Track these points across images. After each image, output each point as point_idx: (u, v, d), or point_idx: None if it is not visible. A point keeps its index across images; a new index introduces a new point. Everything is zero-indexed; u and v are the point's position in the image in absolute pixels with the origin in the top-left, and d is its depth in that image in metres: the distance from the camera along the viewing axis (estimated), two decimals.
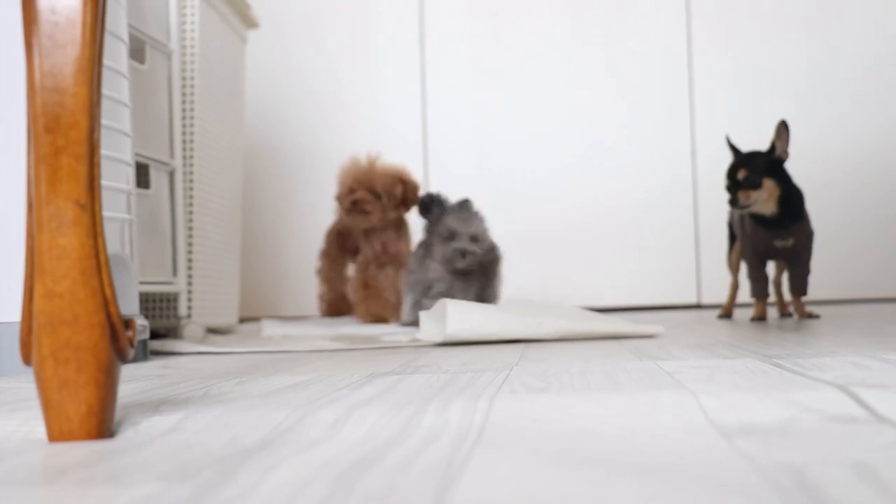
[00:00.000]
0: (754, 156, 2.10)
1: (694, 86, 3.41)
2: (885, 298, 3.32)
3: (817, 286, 2.37)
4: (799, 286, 2.17)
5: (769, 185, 2.06)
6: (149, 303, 2.05)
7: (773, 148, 2.08)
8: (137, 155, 1.79)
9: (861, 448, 0.55)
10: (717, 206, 3.04)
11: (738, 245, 2.33)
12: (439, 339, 1.61)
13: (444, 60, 3.48)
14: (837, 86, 3.37)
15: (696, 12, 3.42)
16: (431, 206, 2.17)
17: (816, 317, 2.14)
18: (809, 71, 3.38)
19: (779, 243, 2.11)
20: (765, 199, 2.06)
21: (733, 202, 2.06)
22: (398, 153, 3.40)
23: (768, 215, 2.08)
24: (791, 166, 2.11)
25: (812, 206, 2.17)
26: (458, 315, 1.63)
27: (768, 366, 1.02)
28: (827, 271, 3.16)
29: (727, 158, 2.15)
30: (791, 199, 2.08)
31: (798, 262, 2.16)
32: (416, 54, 3.48)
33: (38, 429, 0.71)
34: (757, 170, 2.06)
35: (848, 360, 1.03)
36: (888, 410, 0.67)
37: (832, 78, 3.37)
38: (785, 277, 2.30)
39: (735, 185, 2.07)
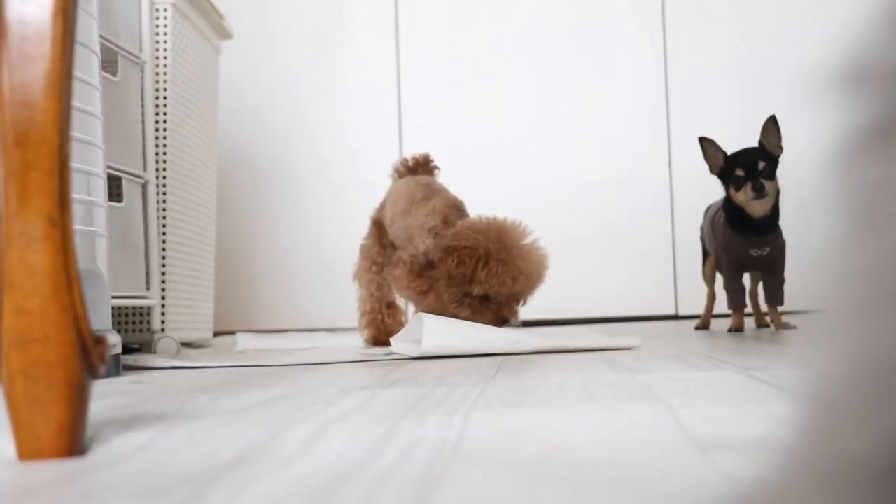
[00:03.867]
0: (764, 150, 2.09)
1: (670, 100, 3.43)
2: None
3: (794, 296, 2.37)
4: (775, 296, 2.17)
5: (776, 181, 2.07)
6: (122, 317, 2.03)
7: (762, 146, 2.08)
8: (109, 167, 1.77)
9: None
10: (693, 218, 3.05)
11: (711, 257, 2.33)
12: (414, 353, 1.61)
13: (419, 73, 3.48)
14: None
15: (671, 25, 3.43)
16: None
17: (793, 327, 2.15)
18: (779, 76, 3.40)
19: (755, 252, 2.11)
20: (771, 194, 2.06)
21: (760, 189, 2.03)
22: (374, 166, 3.39)
23: (759, 216, 2.07)
24: None
25: (786, 213, 2.17)
26: (434, 331, 1.62)
27: (745, 378, 1.02)
28: (804, 281, 3.17)
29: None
30: (778, 203, 2.09)
31: (773, 272, 2.16)
32: (392, 68, 3.48)
33: (8, 447, 0.69)
34: (773, 162, 2.06)
35: None
36: None
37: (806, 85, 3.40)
38: (761, 288, 2.31)
39: (756, 174, 2.04)
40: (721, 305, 2.33)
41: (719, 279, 2.28)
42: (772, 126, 2.06)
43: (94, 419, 0.84)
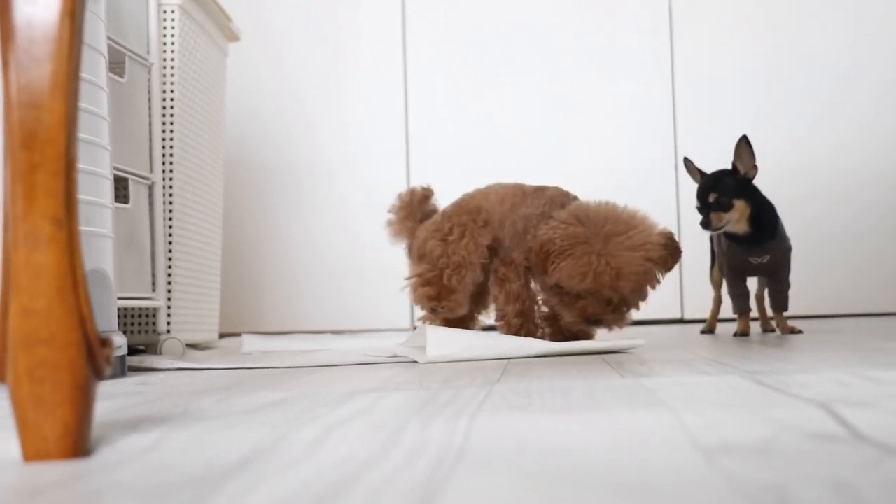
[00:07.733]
0: (722, 177, 2.09)
1: (676, 104, 3.42)
2: (867, 313, 3.33)
3: (800, 301, 2.37)
4: (779, 302, 2.17)
5: (739, 205, 2.05)
6: (128, 318, 2.03)
7: (735, 167, 2.08)
8: (116, 169, 1.78)
9: (841, 467, 0.55)
10: (699, 222, 3.04)
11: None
12: (421, 361, 1.60)
13: (426, 77, 3.48)
14: (815, 100, 3.39)
15: (678, 29, 3.43)
16: None
17: (799, 332, 2.14)
18: (784, 84, 3.40)
19: (754, 260, 2.12)
20: (736, 220, 2.06)
21: (706, 225, 2.06)
22: (381, 166, 3.41)
23: (741, 234, 2.09)
24: (767, 181, 2.11)
25: (792, 222, 2.17)
26: (437, 341, 1.62)
27: (750, 382, 1.02)
28: (809, 286, 3.17)
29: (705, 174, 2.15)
30: (762, 216, 2.08)
31: (777, 279, 2.16)
32: (399, 72, 3.48)
33: (13, 448, 0.69)
34: (726, 191, 2.05)
35: (829, 377, 1.03)
36: (868, 429, 0.67)
37: (810, 91, 3.39)
38: (766, 292, 2.31)
39: (706, 207, 2.07)
40: (727, 310, 2.32)
41: (725, 284, 2.28)
42: (744, 146, 2.06)
43: (100, 420, 0.84)
